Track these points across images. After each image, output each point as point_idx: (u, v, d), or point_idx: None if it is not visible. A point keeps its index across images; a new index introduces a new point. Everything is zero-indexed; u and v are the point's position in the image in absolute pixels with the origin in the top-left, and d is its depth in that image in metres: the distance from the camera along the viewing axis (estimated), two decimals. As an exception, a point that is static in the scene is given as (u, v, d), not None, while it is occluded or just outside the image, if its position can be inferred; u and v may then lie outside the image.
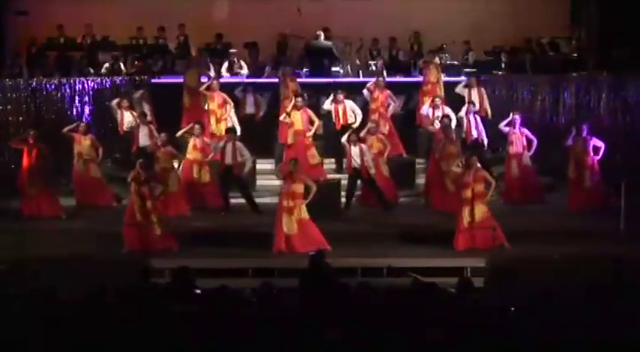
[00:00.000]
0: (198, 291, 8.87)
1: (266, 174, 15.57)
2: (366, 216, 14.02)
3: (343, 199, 14.19)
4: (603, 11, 18.34)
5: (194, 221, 13.79)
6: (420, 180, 15.47)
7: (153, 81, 17.65)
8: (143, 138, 15.18)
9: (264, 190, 14.87)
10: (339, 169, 15.72)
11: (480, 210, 12.24)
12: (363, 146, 14.08)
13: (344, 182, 14.45)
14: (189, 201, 14.31)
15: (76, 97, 16.60)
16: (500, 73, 17.94)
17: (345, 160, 14.76)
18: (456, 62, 18.40)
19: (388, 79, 16.61)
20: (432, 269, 11.31)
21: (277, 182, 14.54)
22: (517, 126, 14.63)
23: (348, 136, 14.20)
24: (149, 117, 15.75)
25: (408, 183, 15.23)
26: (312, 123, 15.20)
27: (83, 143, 14.74)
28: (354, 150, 14.05)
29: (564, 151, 14.36)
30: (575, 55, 18.39)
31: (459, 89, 16.19)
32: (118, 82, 17.22)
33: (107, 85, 17.06)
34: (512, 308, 7.85)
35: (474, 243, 12.23)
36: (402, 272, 11.33)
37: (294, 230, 12.19)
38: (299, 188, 12.35)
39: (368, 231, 13.17)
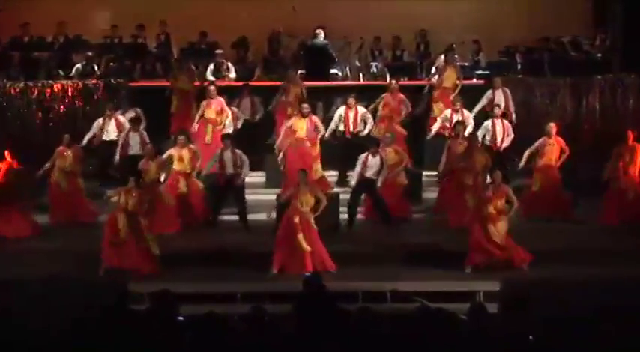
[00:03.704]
0: (181, 318, 8.87)
1: (256, 188, 15.59)
2: (367, 235, 14.05)
3: (343, 215, 14.18)
4: (629, 7, 18.42)
5: (175, 240, 13.79)
6: (428, 194, 15.50)
7: (131, 84, 17.66)
8: (135, 147, 15.19)
9: (253, 205, 14.86)
10: (341, 182, 15.75)
11: (501, 228, 12.31)
12: (384, 157, 14.18)
13: (342, 196, 14.47)
14: (181, 217, 14.41)
15: (45, 102, 16.64)
16: (516, 75, 17.98)
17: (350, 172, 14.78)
18: (466, 63, 18.46)
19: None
20: (440, 294, 11.35)
21: (268, 197, 14.61)
22: (553, 135, 14.71)
23: (370, 147, 14.25)
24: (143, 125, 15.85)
25: (414, 197, 15.25)
26: (317, 130, 15.32)
27: (67, 156, 14.79)
28: (372, 161, 14.09)
29: (589, 163, 14.46)
30: (599, 55, 18.43)
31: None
32: (90, 85, 17.23)
33: (79, 89, 17.05)
34: (531, 337, 7.87)
35: (490, 261, 12.29)
36: (407, 296, 11.35)
37: (307, 247, 12.25)
38: (310, 201, 12.43)
39: (370, 251, 13.19)
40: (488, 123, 15.47)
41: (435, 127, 15.97)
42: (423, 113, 17.26)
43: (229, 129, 15.89)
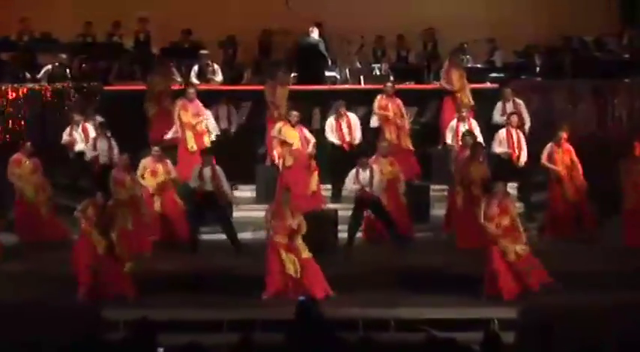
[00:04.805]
0: (161, 349, 8.88)
1: (245, 204, 15.61)
2: (368, 256, 14.05)
3: (341, 234, 14.22)
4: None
5: (155, 261, 13.81)
6: (437, 210, 15.53)
7: (106, 88, 17.68)
8: (103, 155, 15.29)
9: (242, 223, 14.88)
10: (335, 197, 15.79)
11: (517, 248, 12.30)
12: (375, 168, 14.22)
13: (341, 213, 14.52)
14: (157, 235, 14.49)
15: (9, 108, 16.66)
16: (534, 78, 18.02)
17: (344, 187, 14.83)
18: (479, 65, 18.48)
19: (396, 86, 16.67)
20: (450, 322, 11.35)
21: (259, 213, 14.63)
22: (562, 144, 14.81)
23: (359, 159, 14.30)
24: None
25: (421, 214, 15.26)
26: (307, 142, 15.34)
27: (25, 165, 14.82)
28: (364, 175, 14.14)
29: (614, 175, 14.48)
30: (627, 55, 18.47)
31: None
32: (61, 89, 17.23)
33: (48, 94, 17.07)
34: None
35: (512, 288, 12.31)
36: (413, 325, 11.36)
37: (298, 271, 12.28)
38: (297, 221, 12.46)
39: (371, 274, 13.16)
40: (502, 133, 15.47)
41: (449, 139, 15.96)
42: (430, 121, 17.32)
43: (212, 136, 15.96)
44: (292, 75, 17.55)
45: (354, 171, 14.26)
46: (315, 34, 18.12)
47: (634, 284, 12.29)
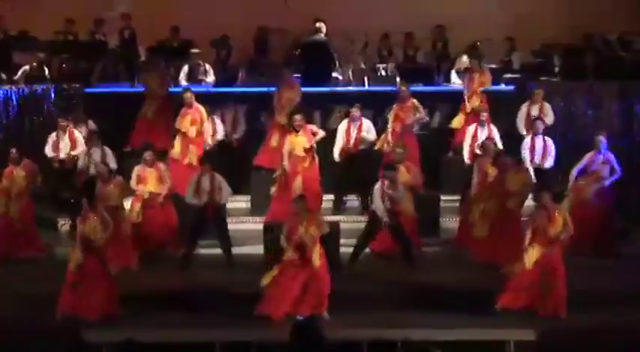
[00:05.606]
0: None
1: (239, 216, 15.58)
2: (373, 272, 14.02)
3: (344, 248, 14.19)
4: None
5: (143, 277, 13.77)
6: (448, 223, 15.50)
7: (87, 90, 17.68)
8: (94, 165, 15.27)
9: (236, 237, 14.85)
10: (337, 208, 15.74)
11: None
12: (399, 181, 14.13)
13: (343, 225, 14.48)
14: (138, 249, 14.42)
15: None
16: (552, 79, 18.03)
17: (347, 198, 14.80)
18: (493, 65, 18.47)
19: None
20: (462, 344, 11.33)
21: (254, 226, 14.64)
22: (603, 150, 14.77)
23: (386, 171, 14.17)
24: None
25: (429, 227, 15.24)
26: (314, 135, 15.30)
27: (16, 175, 14.80)
28: (392, 190, 14.04)
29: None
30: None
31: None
32: (39, 91, 17.24)
33: (26, 96, 17.07)
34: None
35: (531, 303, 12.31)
36: (422, 347, 11.33)
37: (305, 289, 12.28)
38: (313, 231, 12.39)
39: (376, 292, 13.16)
40: (527, 140, 15.45)
41: (465, 148, 15.91)
42: (440, 126, 17.32)
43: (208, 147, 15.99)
44: (294, 76, 17.54)
45: (378, 185, 14.07)
46: (322, 31, 18.07)
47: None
